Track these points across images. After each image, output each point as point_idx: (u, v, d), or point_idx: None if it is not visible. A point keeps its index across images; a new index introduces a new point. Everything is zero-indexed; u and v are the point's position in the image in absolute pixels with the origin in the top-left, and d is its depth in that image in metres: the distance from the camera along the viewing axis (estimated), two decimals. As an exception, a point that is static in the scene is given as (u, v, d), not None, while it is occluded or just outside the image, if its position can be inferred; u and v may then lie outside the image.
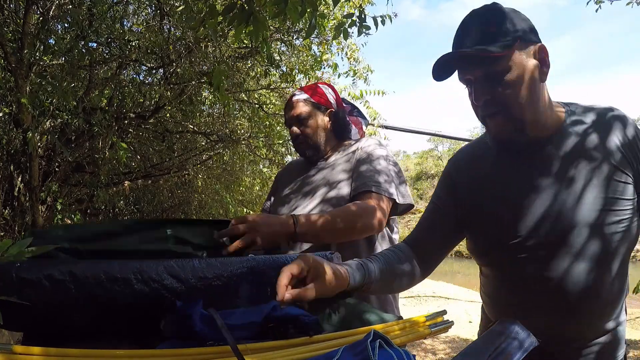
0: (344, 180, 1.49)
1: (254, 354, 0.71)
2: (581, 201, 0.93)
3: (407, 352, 0.71)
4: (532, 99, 0.94)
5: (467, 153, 1.14)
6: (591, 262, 0.94)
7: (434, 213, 1.15)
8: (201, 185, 7.56)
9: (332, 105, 1.61)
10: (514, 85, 0.92)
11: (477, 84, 0.95)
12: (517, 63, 0.92)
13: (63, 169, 4.98)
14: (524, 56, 0.93)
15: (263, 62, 4.97)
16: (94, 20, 4.07)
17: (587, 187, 0.93)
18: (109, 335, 0.81)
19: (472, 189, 1.06)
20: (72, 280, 0.76)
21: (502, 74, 0.92)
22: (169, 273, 0.82)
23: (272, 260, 0.93)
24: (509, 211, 0.99)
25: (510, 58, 0.91)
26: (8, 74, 3.67)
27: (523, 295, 1.01)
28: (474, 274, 15.93)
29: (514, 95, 0.92)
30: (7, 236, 4.30)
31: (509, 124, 0.95)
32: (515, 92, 0.92)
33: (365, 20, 2.59)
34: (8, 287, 0.72)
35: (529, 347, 0.83)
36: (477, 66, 0.93)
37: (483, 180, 1.05)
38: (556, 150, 0.97)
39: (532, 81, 0.93)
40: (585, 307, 0.95)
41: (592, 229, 0.93)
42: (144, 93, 4.95)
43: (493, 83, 0.93)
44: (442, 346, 4.77)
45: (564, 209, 0.94)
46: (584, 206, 0.93)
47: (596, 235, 0.93)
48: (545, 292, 0.97)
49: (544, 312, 0.98)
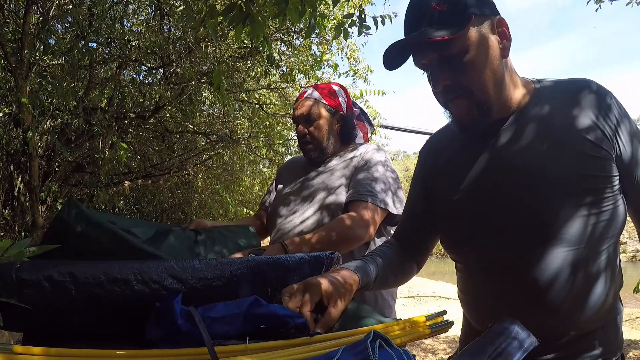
0: (342, 185, 1.50)
1: (254, 353, 0.71)
2: (551, 181, 0.84)
3: (407, 352, 0.71)
4: (495, 77, 0.85)
5: (434, 142, 1.07)
6: (563, 248, 0.84)
7: (409, 208, 1.13)
8: (201, 185, 7.57)
9: (342, 109, 1.60)
10: (473, 66, 0.83)
11: (433, 69, 0.86)
12: (473, 41, 0.83)
13: (63, 169, 4.98)
14: (482, 32, 0.84)
15: (263, 62, 4.98)
16: (94, 20, 4.07)
17: (558, 166, 0.84)
18: (109, 335, 0.81)
19: (437, 178, 1.00)
20: (72, 281, 0.76)
21: (459, 55, 0.83)
22: (170, 274, 0.82)
23: (272, 260, 0.93)
24: (472, 199, 0.92)
25: (465, 37, 0.82)
26: (8, 74, 3.67)
27: (494, 289, 0.93)
28: (474, 273, 15.88)
29: (476, 77, 0.84)
30: (7, 236, 4.30)
31: (472, 107, 0.87)
32: (477, 73, 0.84)
33: (365, 20, 2.60)
34: (8, 288, 0.72)
35: (529, 347, 0.83)
36: (430, 50, 0.84)
37: (447, 167, 0.98)
38: (522, 129, 0.88)
39: (493, 58, 0.84)
40: (557, 298, 0.85)
41: (564, 211, 0.83)
42: (144, 93, 4.95)
43: (450, 66, 0.84)
44: (442, 346, 4.77)
45: (532, 191, 0.85)
46: (554, 187, 0.83)
47: (569, 219, 0.83)
48: (515, 283, 0.88)
49: (515, 305, 0.89)
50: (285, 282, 0.91)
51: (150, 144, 6.22)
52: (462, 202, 0.94)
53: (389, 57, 0.88)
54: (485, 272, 0.96)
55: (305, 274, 0.95)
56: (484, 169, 0.91)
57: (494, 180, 0.90)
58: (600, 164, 0.84)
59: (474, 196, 0.92)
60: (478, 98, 0.86)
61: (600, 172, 0.84)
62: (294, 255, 0.97)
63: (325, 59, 5.43)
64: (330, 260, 1.00)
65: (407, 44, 0.86)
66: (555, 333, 0.89)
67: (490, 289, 0.95)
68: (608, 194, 0.85)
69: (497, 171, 0.89)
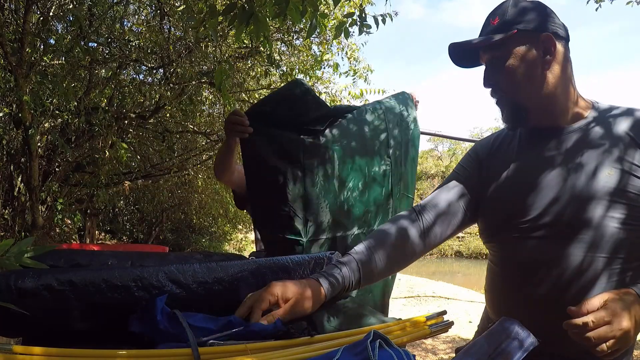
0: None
1: (254, 353, 0.71)
2: (590, 191, 0.93)
3: (407, 352, 0.71)
4: (531, 86, 0.97)
5: (496, 138, 1.16)
6: (585, 251, 0.92)
7: (455, 181, 1.15)
8: (201, 185, 7.57)
9: None
10: (511, 72, 0.97)
11: (485, 70, 1.03)
12: (515, 51, 0.97)
13: (63, 169, 4.98)
14: (524, 45, 0.97)
15: (263, 62, 4.98)
16: (94, 20, 4.08)
17: (600, 178, 0.93)
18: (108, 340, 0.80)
19: (495, 170, 1.08)
20: (72, 290, 0.74)
21: (502, 60, 0.98)
22: (170, 279, 0.81)
23: (273, 262, 0.93)
24: (521, 193, 1.01)
25: (509, 45, 0.97)
26: (8, 73, 3.67)
27: (520, 281, 1.00)
28: (474, 273, 15.93)
29: (512, 82, 0.98)
30: (8, 236, 4.30)
31: (510, 110, 1.01)
32: (513, 79, 0.97)
33: (365, 20, 2.60)
34: (6, 299, 0.71)
35: (529, 347, 0.83)
36: (484, 52, 1.01)
37: (505, 163, 1.07)
38: (577, 140, 0.99)
39: (530, 69, 0.96)
40: (573, 296, 0.92)
41: (595, 219, 0.92)
42: (144, 93, 4.95)
43: (495, 69, 1.00)
44: (443, 346, 4.77)
45: (572, 196, 0.95)
46: (592, 195, 0.93)
47: (598, 226, 0.92)
48: (538, 277, 0.96)
49: (538, 302, 0.96)
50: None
51: (150, 144, 6.22)
52: (511, 194, 1.03)
53: (454, 55, 1.06)
54: (515, 264, 1.02)
55: (306, 274, 0.95)
56: (535, 167, 1.02)
57: (542, 181, 0.99)
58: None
59: (521, 190, 1.01)
60: (514, 101, 1.00)
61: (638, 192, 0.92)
62: (293, 256, 0.97)
63: (326, 58, 5.43)
64: (330, 260, 1.00)
65: (467, 45, 1.02)
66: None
67: (519, 281, 1.00)
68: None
69: (548, 175, 0.99)
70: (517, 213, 1.00)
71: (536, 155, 1.02)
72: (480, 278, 13.45)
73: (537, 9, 0.99)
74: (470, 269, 17.68)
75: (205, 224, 12.03)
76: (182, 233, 12.56)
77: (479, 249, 21.64)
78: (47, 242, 4.38)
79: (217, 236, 13.80)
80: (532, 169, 1.01)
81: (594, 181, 0.93)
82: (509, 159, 1.07)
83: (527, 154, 1.04)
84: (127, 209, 10.39)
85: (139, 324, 0.76)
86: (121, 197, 6.77)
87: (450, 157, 28.99)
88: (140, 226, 11.46)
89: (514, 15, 0.97)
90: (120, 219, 10.85)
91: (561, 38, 0.99)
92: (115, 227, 11.11)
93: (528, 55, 0.97)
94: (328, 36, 5.09)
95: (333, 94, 6.05)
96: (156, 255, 1.12)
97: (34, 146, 3.71)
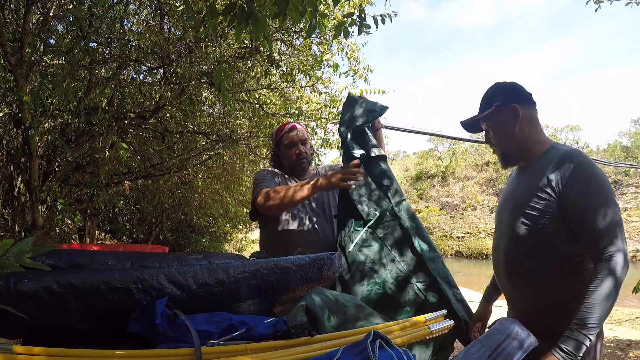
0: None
1: (254, 353, 0.71)
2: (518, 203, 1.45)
3: (407, 352, 0.71)
4: (509, 139, 1.50)
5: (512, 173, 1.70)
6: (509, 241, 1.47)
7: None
8: (201, 185, 7.56)
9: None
10: (497, 132, 1.52)
11: (485, 132, 1.57)
12: (498, 119, 1.50)
13: (63, 169, 4.98)
14: (504, 114, 1.48)
15: (263, 62, 4.97)
16: (94, 20, 4.07)
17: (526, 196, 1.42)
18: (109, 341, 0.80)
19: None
20: (72, 292, 0.74)
21: (492, 126, 1.53)
22: (170, 280, 0.81)
23: (273, 263, 0.93)
24: (499, 205, 1.61)
25: (494, 115, 1.50)
26: (8, 73, 3.67)
27: (494, 259, 1.58)
28: (474, 273, 15.91)
29: (497, 138, 1.53)
30: (8, 236, 4.30)
31: (500, 156, 1.55)
32: (499, 136, 1.52)
33: (365, 20, 2.60)
34: (6, 302, 0.71)
35: (529, 347, 0.83)
36: (483, 121, 1.55)
37: (505, 187, 1.64)
38: (525, 172, 1.49)
39: (507, 128, 1.49)
40: (509, 272, 1.48)
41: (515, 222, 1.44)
42: (144, 93, 4.95)
43: (489, 132, 1.55)
44: (442, 346, 4.76)
45: (510, 207, 1.50)
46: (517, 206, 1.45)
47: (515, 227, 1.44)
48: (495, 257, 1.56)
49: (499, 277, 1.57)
50: (287, 284, 0.91)
51: (150, 144, 6.22)
52: (499, 203, 1.63)
53: (466, 126, 1.60)
54: (493, 248, 1.61)
55: (307, 275, 0.95)
56: (510, 189, 1.57)
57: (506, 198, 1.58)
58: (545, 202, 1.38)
59: (501, 202, 1.61)
60: (500, 149, 1.54)
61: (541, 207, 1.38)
62: (294, 257, 0.97)
63: (326, 58, 5.42)
64: (330, 261, 1.00)
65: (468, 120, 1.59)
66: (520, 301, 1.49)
67: (494, 259, 1.59)
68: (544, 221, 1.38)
69: (510, 194, 1.55)
70: (497, 216, 1.61)
71: (512, 181, 1.59)
72: (480, 278, 13.43)
73: (507, 89, 1.51)
74: (470, 269, 17.67)
75: (205, 224, 12.03)
76: (182, 233, 12.56)
77: (479, 249, 21.64)
78: (47, 242, 4.39)
79: (217, 236, 13.79)
80: (508, 190, 1.58)
81: (521, 199, 1.43)
82: (507, 184, 1.64)
83: (511, 181, 1.61)
84: (127, 209, 10.39)
85: (138, 324, 0.76)
86: (121, 197, 6.77)
87: (450, 157, 28.95)
88: (140, 226, 11.45)
89: (492, 96, 1.52)
90: (120, 219, 10.85)
91: (526, 104, 1.47)
92: (115, 227, 11.10)
93: (504, 121, 1.48)
94: (328, 36, 5.09)
95: (333, 94, 6.05)
96: (156, 256, 1.12)
97: (34, 146, 3.70)
